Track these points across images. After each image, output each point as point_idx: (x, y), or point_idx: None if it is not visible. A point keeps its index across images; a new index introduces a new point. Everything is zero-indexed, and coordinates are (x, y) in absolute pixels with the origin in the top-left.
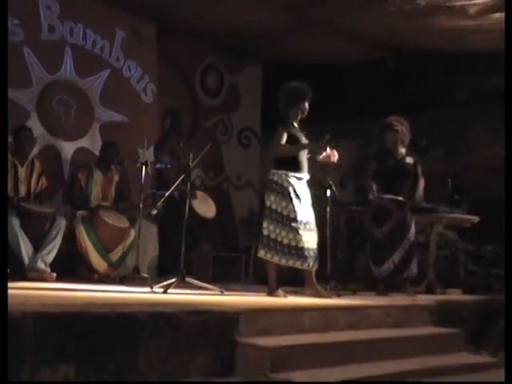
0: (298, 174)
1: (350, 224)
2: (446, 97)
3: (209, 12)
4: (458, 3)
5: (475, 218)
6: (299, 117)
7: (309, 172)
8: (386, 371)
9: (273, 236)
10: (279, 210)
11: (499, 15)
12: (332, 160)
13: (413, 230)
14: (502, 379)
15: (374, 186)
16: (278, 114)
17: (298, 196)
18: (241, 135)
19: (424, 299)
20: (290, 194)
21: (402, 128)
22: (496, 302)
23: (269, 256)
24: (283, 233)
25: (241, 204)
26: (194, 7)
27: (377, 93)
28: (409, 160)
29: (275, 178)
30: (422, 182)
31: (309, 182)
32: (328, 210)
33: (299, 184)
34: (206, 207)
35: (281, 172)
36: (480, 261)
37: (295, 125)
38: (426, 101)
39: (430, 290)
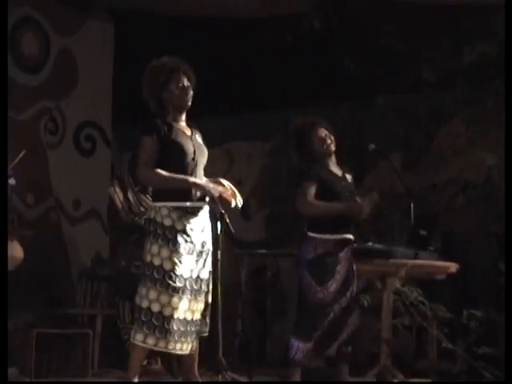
0: (187, 204)
1: (257, 277)
2: (405, 75)
3: None
4: None
5: (453, 265)
6: (176, 109)
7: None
8: None
9: (156, 308)
10: (159, 263)
11: None
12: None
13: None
14: None
15: None
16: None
17: (189, 238)
18: (79, 135)
19: None
20: (175, 237)
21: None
22: None
23: (150, 342)
24: (163, 298)
25: (80, 246)
26: None
27: (294, 68)
28: (349, 177)
29: (152, 216)
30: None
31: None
32: (219, 254)
33: (193, 219)
34: None
35: (160, 205)
36: (461, 334)
37: (174, 124)
38: (373, 81)
39: (382, 382)
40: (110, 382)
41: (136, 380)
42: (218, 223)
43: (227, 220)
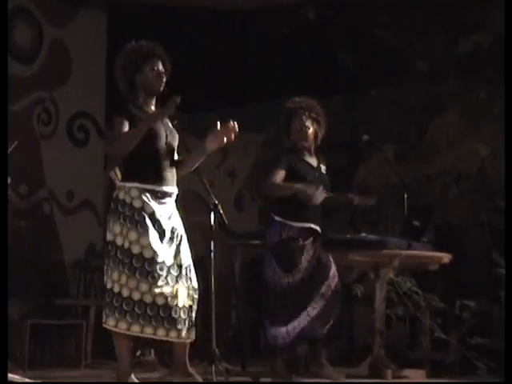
0: (158, 188)
1: (250, 268)
2: (398, 66)
3: None
4: None
5: (446, 256)
6: (148, 93)
7: (178, 183)
8: None
9: (125, 293)
10: (126, 245)
11: None
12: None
13: (334, 272)
14: None
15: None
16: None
17: (157, 223)
18: (73, 125)
19: None
20: (143, 220)
21: (315, 116)
22: None
23: (123, 326)
24: (132, 283)
25: (74, 238)
26: None
27: (289, 59)
28: (323, 167)
29: (121, 196)
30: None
31: (177, 201)
32: (212, 245)
33: (161, 205)
34: None
35: (130, 185)
36: (454, 324)
37: (145, 108)
38: (367, 72)
39: (375, 372)
40: (109, 382)
41: (132, 376)
42: (212, 214)
43: (221, 211)
